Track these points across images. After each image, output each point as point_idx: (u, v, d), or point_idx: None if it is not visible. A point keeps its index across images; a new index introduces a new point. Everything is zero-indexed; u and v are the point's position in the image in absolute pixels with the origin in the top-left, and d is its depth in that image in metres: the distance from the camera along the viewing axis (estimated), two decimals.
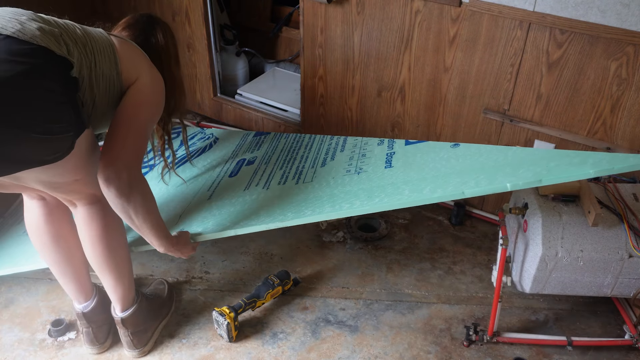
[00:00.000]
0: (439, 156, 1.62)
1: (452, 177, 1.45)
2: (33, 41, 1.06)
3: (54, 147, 1.11)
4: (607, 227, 1.46)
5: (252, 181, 1.80)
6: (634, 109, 1.68)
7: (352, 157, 1.80)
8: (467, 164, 1.50)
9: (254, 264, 1.94)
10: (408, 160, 1.65)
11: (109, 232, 1.43)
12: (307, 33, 2.15)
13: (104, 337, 1.59)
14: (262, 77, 2.70)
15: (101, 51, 1.22)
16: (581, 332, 1.70)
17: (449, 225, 2.14)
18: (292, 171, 1.79)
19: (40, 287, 1.82)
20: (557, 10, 1.64)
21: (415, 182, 1.49)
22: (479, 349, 1.64)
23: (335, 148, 1.90)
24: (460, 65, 1.90)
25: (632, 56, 1.60)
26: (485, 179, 1.37)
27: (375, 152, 1.78)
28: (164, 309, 1.70)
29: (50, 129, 1.08)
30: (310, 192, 1.63)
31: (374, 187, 1.54)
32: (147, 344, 1.61)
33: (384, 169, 1.65)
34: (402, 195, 1.43)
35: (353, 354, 1.62)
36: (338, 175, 1.69)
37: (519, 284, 1.59)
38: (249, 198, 1.70)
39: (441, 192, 1.37)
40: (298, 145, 1.98)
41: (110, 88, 1.25)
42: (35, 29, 1.08)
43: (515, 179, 1.30)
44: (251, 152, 2.01)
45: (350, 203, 1.48)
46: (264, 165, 1.89)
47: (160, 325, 1.67)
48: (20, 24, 1.08)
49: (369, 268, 1.93)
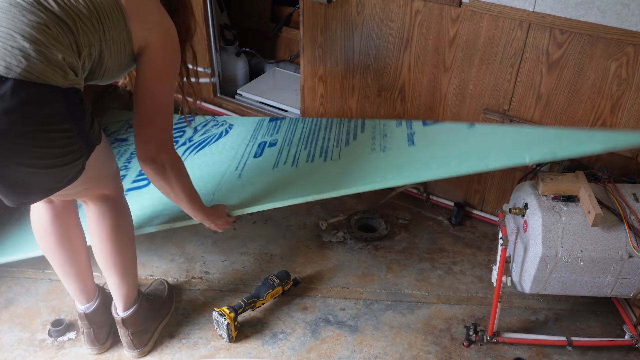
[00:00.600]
0: (458, 136, 1.70)
1: (474, 153, 1.57)
2: (39, 81, 1.00)
3: (65, 174, 1.14)
4: (607, 227, 1.46)
5: (279, 160, 1.85)
6: (634, 109, 1.68)
7: (374, 136, 1.86)
8: (486, 142, 1.60)
9: (254, 264, 1.94)
10: (429, 139, 1.72)
11: (118, 230, 1.44)
12: (307, 33, 2.15)
13: (104, 337, 1.59)
14: (262, 77, 2.70)
15: (108, 15, 1.16)
16: (581, 332, 1.70)
17: (449, 225, 2.14)
18: (318, 150, 1.85)
19: (40, 287, 1.82)
20: (557, 10, 1.64)
21: (440, 157, 1.59)
22: (479, 349, 1.64)
23: (355, 129, 1.94)
24: (460, 65, 1.90)
25: (632, 56, 1.60)
26: (505, 154, 1.49)
27: (396, 133, 1.83)
28: (164, 309, 1.70)
29: (62, 161, 1.10)
30: (340, 168, 1.71)
31: (402, 163, 1.63)
32: (147, 345, 1.61)
33: (407, 147, 1.72)
34: (431, 169, 1.54)
35: (353, 354, 1.62)
36: (365, 153, 1.75)
37: (518, 284, 1.59)
38: (279, 175, 1.77)
39: (467, 166, 1.48)
40: (317, 128, 2.03)
41: (121, 50, 1.21)
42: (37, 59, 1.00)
43: (532, 153, 1.40)
44: (270, 135, 2.05)
45: (382, 176, 1.57)
46: (287, 146, 1.93)
47: (160, 326, 1.67)
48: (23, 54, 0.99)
49: (369, 268, 1.93)
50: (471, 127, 1.73)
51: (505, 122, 1.90)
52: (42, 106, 1.01)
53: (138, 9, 1.21)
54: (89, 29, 1.11)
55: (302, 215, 2.16)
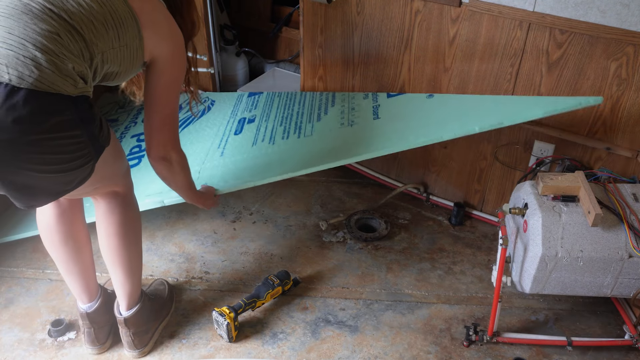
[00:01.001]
0: (417, 107, 1.86)
1: (430, 124, 1.73)
2: (51, 90, 1.01)
3: (75, 178, 1.15)
4: (607, 227, 1.46)
5: (257, 138, 1.97)
6: (634, 109, 1.68)
7: (342, 111, 1.99)
8: (441, 113, 1.77)
9: (254, 264, 1.94)
10: (392, 112, 1.88)
11: (126, 226, 1.46)
12: (307, 33, 2.15)
13: (104, 337, 1.59)
14: (262, 77, 2.70)
15: (123, 22, 1.17)
16: (581, 332, 1.70)
17: (448, 225, 2.14)
18: (292, 127, 1.97)
19: (40, 287, 1.82)
20: (557, 10, 1.64)
21: (401, 130, 1.74)
22: (479, 349, 1.64)
23: (326, 103, 2.08)
24: (460, 65, 1.90)
25: (632, 56, 1.60)
26: (458, 125, 1.65)
27: (362, 106, 1.98)
28: (164, 309, 1.70)
29: (72, 166, 1.11)
30: (313, 145, 1.84)
31: (367, 137, 1.78)
32: (148, 345, 1.61)
33: (372, 120, 1.86)
34: (392, 142, 1.69)
35: (353, 354, 1.62)
36: (334, 128, 1.89)
37: (518, 284, 1.59)
38: (258, 153, 1.89)
39: (423, 138, 1.64)
40: (292, 102, 2.15)
41: (133, 56, 1.23)
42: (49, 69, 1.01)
43: (482, 123, 1.58)
44: (249, 111, 2.16)
45: (352, 152, 1.71)
46: (264, 122, 2.05)
47: (160, 326, 1.67)
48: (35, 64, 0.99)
49: (369, 268, 1.93)
50: (430, 97, 1.88)
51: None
52: (52, 115, 1.02)
53: (151, 18, 1.24)
54: (102, 35, 1.12)
55: (302, 215, 2.16)
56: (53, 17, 1.04)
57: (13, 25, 1.00)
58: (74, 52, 1.06)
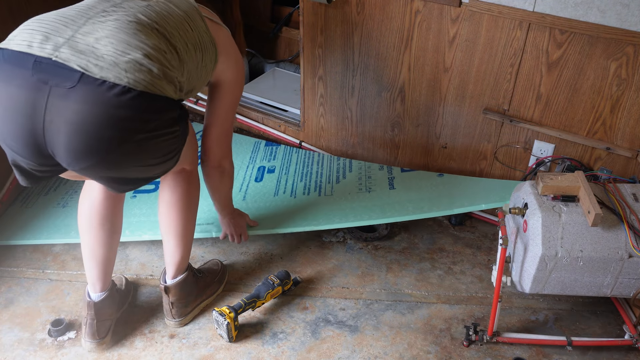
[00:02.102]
0: (429, 182, 2.08)
1: (443, 198, 1.96)
2: (160, 93, 1.14)
3: (168, 167, 1.30)
4: (607, 227, 1.46)
5: (279, 189, 2.14)
6: (634, 109, 1.68)
7: (360, 177, 2.17)
8: (452, 190, 2.00)
9: (254, 264, 1.94)
10: (406, 184, 2.08)
11: (186, 200, 1.58)
12: (307, 33, 2.15)
13: (105, 332, 1.59)
14: (262, 77, 2.70)
15: (206, 47, 1.34)
16: (581, 332, 1.70)
17: (448, 225, 2.14)
18: (312, 184, 2.15)
19: (40, 287, 1.82)
20: (557, 10, 1.64)
21: (415, 201, 1.96)
22: (479, 349, 1.64)
23: (344, 168, 2.25)
24: (460, 65, 1.90)
25: (631, 56, 1.61)
26: (467, 201, 1.89)
27: (379, 176, 2.17)
28: (209, 289, 1.75)
29: (168, 156, 1.26)
30: (334, 204, 2.03)
31: (384, 204, 1.98)
32: (186, 317, 1.68)
33: (388, 190, 2.06)
34: (407, 211, 1.91)
35: (353, 354, 1.62)
36: (353, 192, 2.08)
37: (518, 284, 1.59)
38: (280, 204, 2.05)
39: (436, 210, 1.89)
40: (310, 161, 2.31)
41: (207, 76, 1.40)
42: (159, 76, 1.14)
43: (487, 201, 1.85)
44: (268, 161, 2.33)
45: (369, 215, 1.92)
46: (285, 175, 2.22)
47: (202, 304, 1.73)
48: (148, 69, 1.13)
49: (369, 268, 1.93)
50: (440, 176, 2.11)
51: (505, 122, 1.91)
52: (160, 114, 1.17)
53: (225, 46, 1.43)
54: (192, 56, 1.28)
55: None
56: (158, 36, 1.20)
57: (129, 39, 1.14)
58: (174, 66, 1.20)
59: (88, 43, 1.11)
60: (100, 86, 1.07)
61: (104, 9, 1.19)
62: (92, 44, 1.10)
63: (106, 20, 1.15)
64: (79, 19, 1.16)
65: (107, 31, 1.13)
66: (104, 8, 1.19)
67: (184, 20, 1.28)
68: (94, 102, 1.07)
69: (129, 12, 1.19)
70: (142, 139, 1.14)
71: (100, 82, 1.07)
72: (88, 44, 1.10)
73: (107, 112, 1.08)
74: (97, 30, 1.13)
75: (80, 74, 1.07)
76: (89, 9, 1.19)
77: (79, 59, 1.08)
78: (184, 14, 1.29)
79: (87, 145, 1.10)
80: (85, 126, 1.08)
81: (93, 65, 1.08)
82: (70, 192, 2.17)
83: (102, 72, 1.07)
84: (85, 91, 1.07)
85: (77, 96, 1.07)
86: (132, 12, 1.19)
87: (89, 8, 1.19)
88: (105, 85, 1.07)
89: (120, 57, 1.10)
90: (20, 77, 1.08)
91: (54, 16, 1.16)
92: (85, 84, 1.07)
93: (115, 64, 1.09)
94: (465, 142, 2.04)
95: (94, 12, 1.18)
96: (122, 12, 1.19)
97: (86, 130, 1.08)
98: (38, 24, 1.15)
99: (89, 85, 1.07)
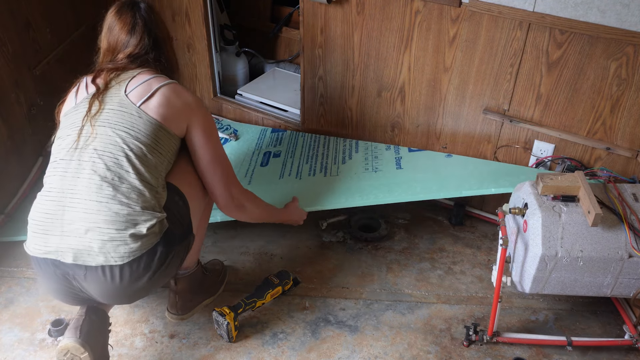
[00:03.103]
0: (438, 163, 2.02)
1: (451, 179, 1.90)
2: (145, 249, 1.34)
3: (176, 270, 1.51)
4: (607, 227, 1.46)
5: (284, 172, 2.10)
6: (634, 109, 1.68)
7: (366, 157, 2.11)
8: (461, 171, 1.94)
9: (254, 264, 1.94)
10: (413, 164, 2.01)
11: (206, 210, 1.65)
12: (307, 33, 2.15)
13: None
14: (262, 77, 2.70)
15: (167, 147, 1.44)
16: (581, 332, 1.70)
17: (448, 225, 2.14)
18: (318, 166, 2.10)
19: (40, 287, 1.82)
20: (557, 10, 1.64)
21: (423, 181, 1.90)
22: (479, 349, 1.64)
23: (350, 149, 2.19)
24: (460, 65, 1.90)
25: (631, 56, 1.61)
26: (476, 184, 1.84)
27: (386, 155, 2.11)
28: (212, 288, 1.78)
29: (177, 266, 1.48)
30: (340, 184, 1.97)
31: (391, 184, 1.92)
32: (188, 313, 1.70)
33: (395, 169, 2.00)
34: (415, 191, 1.85)
35: (353, 354, 1.62)
36: (359, 171, 2.02)
37: (518, 284, 1.59)
38: (285, 185, 2.01)
39: (445, 191, 1.83)
40: (316, 144, 2.25)
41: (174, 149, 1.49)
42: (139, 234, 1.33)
43: (497, 185, 1.80)
44: (274, 146, 2.28)
45: (375, 195, 1.87)
46: (290, 158, 2.17)
47: (204, 302, 1.75)
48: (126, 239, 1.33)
49: (369, 268, 1.93)
50: (448, 156, 2.05)
51: (505, 122, 1.91)
52: (151, 263, 1.37)
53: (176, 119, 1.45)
54: (160, 171, 1.42)
55: None
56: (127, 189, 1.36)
57: (105, 218, 1.33)
58: (148, 200, 1.36)
59: (74, 233, 1.33)
60: (102, 271, 1.33)
61: (70, 185, 1.35)
62: (75, 235, 1.32)
63: (77, 203, 1.34)
64: (57, 210, 1.35)
65: (81, 220, 1.32)
66: (70, 184, 1.35)
67: (152, 149, 1.40)
68: (103, 282, 1.35)
69: (89, 182, 1.34)
70: (151, 281, 1.39)
71: (100, 269, 1.33)
72: (74, 234, 1.33)
73: (115, 284, 1.35)
74: (75, 220, 1.33)
75: (84, 268, 1.33)
76: (59, 193, 1.36)
77: (78, 257, 1.33)
78: (129, 135, 1.38)
79: (112, 299, 1.44)
80: (106, 293, 1.38)
81: (88, 257, 1.33)
82: None
83: (95, 261, 1.32)
84: (93, 277, 1.34)
85: (90, 280, 1.36)
86: (91, 179, 1.35)
87: (59, 192, 1.36)
88: (102, 269, 1.33)
89: (95, 243, 1.31)
90: (50, 273, 1.38)
91: (41, 214, 1.37)
92: (90, 272, 1.34)
93: (97, 252, 1.32)
94: (465, 142, 2.04)
95: (63, 195, 1.35)
96: (85, 186, 1.34)
97: (107, 295, 1.40)
98: (36, 226, 1.37)
99: (93, 273, 1.34)
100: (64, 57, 2.30)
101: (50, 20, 2.22)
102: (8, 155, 2.03)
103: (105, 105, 1.41)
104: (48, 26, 2.20)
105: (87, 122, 1.39)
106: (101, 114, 1.40)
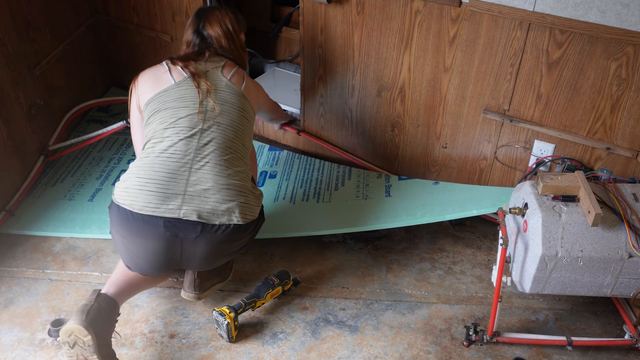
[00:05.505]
0: (425, 190, 2.12)
1: (436, 205, 2.00)
2: (249, 220, 1.57)
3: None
4: (607, 227, 1.46)
5: (279, 195, 2.20)
6: (634, 109, 1.68)
7: (358, 185, 2.21)
8: (446, 197, 2.04)
9: (254, 264, 1.94)
10: (402, 192, 2.13)
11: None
12: (307, 33, 2.15)
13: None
14: (262, 77, 2.70)
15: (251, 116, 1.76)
16: (581, 332, 1.70)
17: (448, 225, 2.14)
18: (312, 191, 2.20)
19: (40, 287, 1.82)
20: (557, 10, 1.64)
21: (409, 208, 2.00)
22: (479, 349, 1.64)
23: (343, 175, 2.29)
24: (460, 65, 1.90)
25: (632, 56, 1.61)
26: (459, 208, 1.92)
27: (377, 183, 2.21)
28: (224, 272, 1.78)
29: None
30: (331, 210, 2.09)
31: (379, 211, 2.03)
32: (204, 293, 1.71)
33: (384, 197, 2.10)
34: (401, 218, 1.96)
35: (353, 354, 1.62)
36: (350, 199, 2.13)
37: (519, 284, 1.59)
38: (279, 209, 2.11)
39: (429, 216, 1.93)
40: (311, 168, 2.35)
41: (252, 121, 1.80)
42: (243, 204, 1.55)
43: (479, 208, 1.88)
44: (270, 166, 2.38)
45: (364, 221, 1.98)
46: (285, 181, 2.27)
47: (217, 285, 1.75)
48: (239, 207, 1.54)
49: (369, 268, 1.93)
50: (435, 184, 2.15)
51: (505, 122, 1.91)
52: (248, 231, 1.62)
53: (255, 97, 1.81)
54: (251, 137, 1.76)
55: None
56: (241, 159, 1.65)
57: (227, 182, 1.55)
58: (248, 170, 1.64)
59: (199, 194, 1.49)
60: (216, 231, 1.51)
61: (196, 150, 1.54)
62: (202, 195, 1.49)
63: (204, 166, 1.53)
64: (183, 171, 1.51)
65: (210, 182, 1.51)
66: (196, 150, 1.54)
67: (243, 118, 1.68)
68: (213, 242, 1.52)
69: (216, 149, 1.56)
70: (241, 247, 1.65)
71: (215, 228, 1.50)
72: (199, 195, 1.49)
73: (222, 245, 1.55)
74: (202, 181, 1.51)
75: (201, 226, 1.48)
76: (184, 155, 1.53)
77: (199, 213, 1.48)
78: (240, 114, 1.67)
79: (210, 263, 1.62)
80: (210, 255, 1.56)
81: (212, 217, 1.49)
82: (77, 186, 2.20)
83: (213, 220, 1.49)
84: (206, 237, 1.50)
85: (201, 242, 1.50)
86: (218, 147, 1.57)
87: (184, 155, 1.53)
88: (217, 229, 1.50)
89: (223, 204, 1.51)
90: (155, 233, 1.47)
91: (163, 173, 1.50)
92: (205, 232, 1.49)
93: (222, 212, 1.50)
94: (465, 142, 2.04)
95: (190, 158, 1.53)
96: (212, 152, 1.55)
97: (210, 258, 1.57)
98: (153, 184, 1.48)
99: (207, 232, 1.50)
100: (64, 57, 2.30)
101: (50, 20, 2.22)
102: (8, 155, 2.03)
103: (216, 86, 1.66)
104: (48, 26, 2.21)
105: (205, 98, 1.62)
106: (216, 94, 1.64)
